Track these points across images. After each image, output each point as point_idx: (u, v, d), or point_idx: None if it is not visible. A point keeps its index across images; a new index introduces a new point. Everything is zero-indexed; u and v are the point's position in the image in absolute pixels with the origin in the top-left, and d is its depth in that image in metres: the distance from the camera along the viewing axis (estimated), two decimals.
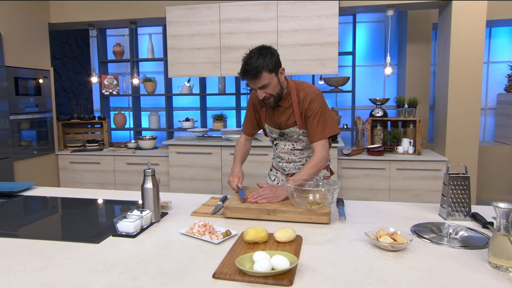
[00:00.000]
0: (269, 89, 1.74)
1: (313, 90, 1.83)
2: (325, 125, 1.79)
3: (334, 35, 3.54)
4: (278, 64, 1.74)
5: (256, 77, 1.68)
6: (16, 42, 3.69)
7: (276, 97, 1.78)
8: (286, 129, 1.90)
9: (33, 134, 3.96)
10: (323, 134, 1.79)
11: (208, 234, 1.36)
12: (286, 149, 1.99)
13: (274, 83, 1.74)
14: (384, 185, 3.68)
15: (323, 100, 1.84)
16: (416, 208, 1.71)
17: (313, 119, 1.79)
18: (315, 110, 1.78)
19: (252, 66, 1.66)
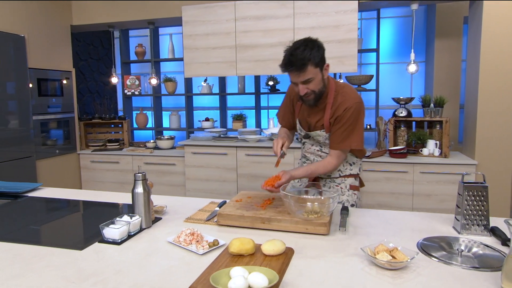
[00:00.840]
0: (312, 85, 1.61)
1: (354, 97, 1.69)
2: (348, 137, 1.69)
3: (353, 31, 3.38)
4: (323, 59, 1.61)
5: (301, 69, 1.54)
6: (39, 44, 3.80)
7: (318, 94, 1.66)
8: (312, 132, 1.81)
9: (56, 133, 4.07)
10: (342, 144, 1.70)
11: (195, 244, 1.29)
12: (312, 150, 1.90)
13: (318, 79, 1.61)
14: (407, 190, 3.47)
15: (360, 111, 1.69)
16: (428, 218, 1.56)
17: (339, 126, 1.68)
18: (347, 120, 1.67)
19: (298, 58, 1.52)
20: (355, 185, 1.90)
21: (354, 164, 1.89)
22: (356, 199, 1.89)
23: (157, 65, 4.99)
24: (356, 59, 3.43)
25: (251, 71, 3.68)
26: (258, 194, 1.75)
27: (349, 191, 1.87)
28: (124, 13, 4.11)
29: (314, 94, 1.64)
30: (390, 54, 4.69)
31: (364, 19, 4.71)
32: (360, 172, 1.92)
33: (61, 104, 4.11)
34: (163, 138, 4.43)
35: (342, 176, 1.88)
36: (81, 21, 4.24)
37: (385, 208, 3.51)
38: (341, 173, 1.88)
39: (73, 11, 4.25)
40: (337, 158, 1.72)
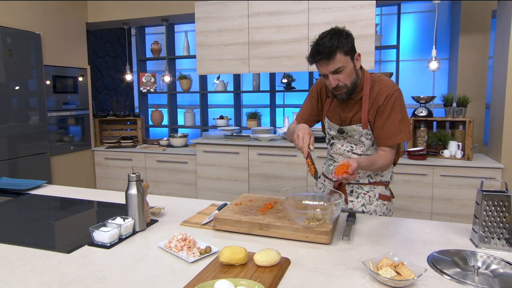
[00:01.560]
0: (343, 76, 1.48)
1: (392, 84, 1.56)
2: (399, 128, 1.52)
3: (370, 26, 3.23)
4: (354, 48, 1.50)
5: (330, 57, 1.43)
6: (54, 42, 3.83)
7: (350, 87, 1.52)
8: (348, 126, 1.63)
9: (70, 130, 4.10)
10: (397, 137, 1.53)
11: (186, 250, 1.22)
12: (342, 150, 1.69)
13: (349, 69, 1.48)
14: (426, 193, 3.30)
15: (402, 98, 1.56)
16: (443, 228, 1.43)
17: (387, 118, 1.52)
18: (391, 108, 1.51)
19: (325, 45, 1.42)
20: (386, 195, 1.70)
21: (386, 171, 1.69)
22: (386, 210, 1.69)
23: (172, 62, 4.97)
24: (373, 56, 3.28)
25: (263, 68, 3.59)
26: (260, 197, 1.67)
27: (378, 200, 1.68)
28: (138, 10, 4.09)
29: (346, 88, 1.51)
30: (412, 51, 4.49)
31: (384, 15, 4.53)
32: (392, 180, 1.73)
33: (76, 101, 4.14)
34: (176, 136, 4.41)
35: (372, 183, 1.68)
36: (96, 19, 4.25)
37: (403, 212, 3.35)
38: (371, 179, 1.67)
39: (88, 9, 4.27)
40: (392, 154, 1.57)
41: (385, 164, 1.56)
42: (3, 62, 3.27)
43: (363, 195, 1.69)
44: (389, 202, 1.72)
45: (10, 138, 3.36)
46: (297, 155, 3.51)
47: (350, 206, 1.69)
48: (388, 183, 1.73)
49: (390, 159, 1.57)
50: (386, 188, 1.72)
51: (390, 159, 1.57)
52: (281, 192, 1.38)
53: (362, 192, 1.69)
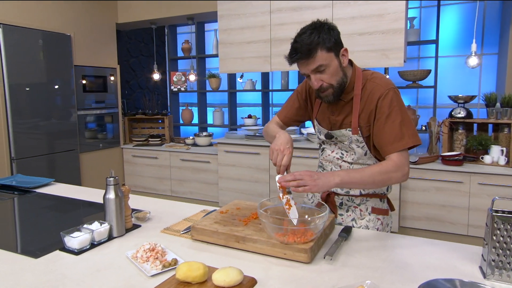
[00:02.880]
0: (327, 75, 1.30)
1: (386, 83, 1.36)
2: (403, 131, 1.31)
3: (399, 20, 2.97)
4: (339, 43, 1.31)
5: (309, 55, 1.26)
6: (85, 42, 3.97)
7: (337, 88, 1.34)
8: (336, 130, 1.45)
9: (100, 128, 4.24)
10: (402, 142, 1.30)
11: (152, 261, 1.14)
12: (331, 157, 1.52)
13: (334, 67, 1.30)
14: (462, 203, 2.99)
15: (400, 97, 1.35)
16: (452, 251, 1.23)
17: (385, 122, 1.32)
18: (388, 109, 1.32)
19: (303, 43, 1.26)
20: (381, 208, 1.50)
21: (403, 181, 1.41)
22: (380, 225, 1.50)
23: (202, 61, 4.98)
24: (403, 52, 3.02)
25: (285, 66, 3.46)
26: (250, 205, 1.56)
27: (370, 215, 1.49)
28: (164, 10, 4.12)
29: (332, 89, 1.34)
30: (455, 45, 4.11)
31: (424, 7, 4.18)
32: (388, 192, 1.52)
33: (106, 100, 4.27)
34: (201, 135, 4.40)
35: (363, 195, 1.49)
36: (125, 19, 4.35)
37: (434, 222, 3.07)
38: (362, 190, 1.48)
39: (118, 9, 4.38)
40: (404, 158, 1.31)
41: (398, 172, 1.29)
42: (35, 63, 3.43)
43: (354, 208, 1.51)
44: (385, 216, 1.52)
45: (44, 135, 3.52)
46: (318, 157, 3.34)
47: (339, 221, 1.53)
48: (384, 195, 1.52)
49: (397, 165, 1.29)
50: (382, 201, 1.52)
51: (397, 165, 1.29)
52: (260, 204, 1.26)
53: (353, 205, 1.51)
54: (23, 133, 3.37)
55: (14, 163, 3.32)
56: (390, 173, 1.28)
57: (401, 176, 1.31)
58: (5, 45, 3.21)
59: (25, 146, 3.40)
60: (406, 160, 1.32)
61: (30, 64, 3.40)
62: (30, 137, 3.44)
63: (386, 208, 1.53)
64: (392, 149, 1.32)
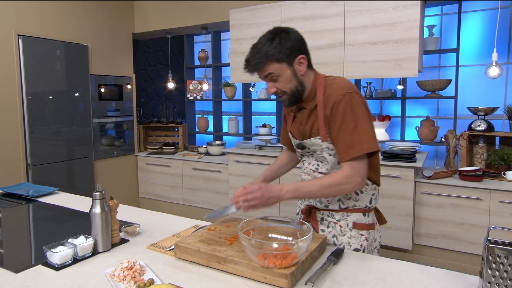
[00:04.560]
0: (280, 83, 1.33)
1: (342, 88, 1.31)
2: (355, 138, 1.27)
3: (414, 29, 2.86)
4: (293, 51, 1.31)
5: (258, 68, 1.32)
6: (101, 52, 4.07)
7: (291, 95, 1.35)
8: (307, 140, 1.42)
9: (114, 136, 4.31)
10: (353, 150, 1.27)
11: (129, 280, 1.11)
12: (308, 170, 1.49)
13: (286, 76, 1.32)
14: (481, 221, 2.82)
15: (356, 101, 1.30)
16: (448, 281, 1.14)
17: (339, 129, 1.30)
18: (342, 116, 1.29)
19: (254, 56, 1.31)
20: (363, 223, 1.42)
21: (362, 193, 1.41)
22: (364, 241, 1.42)
23: (218, 70, 4.99)
24: (417, 61, 2.90)
25: None
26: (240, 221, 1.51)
27: (352, 230, 1.42)
28: (179, 19, 4.17)
29: (286, 95, 1.37)
30: (478, 54, 3.93)
31: (445, 15, 4.03)
32: (372, 205, 1.44)
33: (121, 108, 4.35)
34: (214, 144, 4.40)
35: (343, 210, 1.43)
36: (142, 29, 4.43)
37: (450, 241, 2.91)
38: (342, 204, 1.42)
39: (135, 19, 4.47)
40: (354, 169, 1.28)
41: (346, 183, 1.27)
42: (52, 73, 3.53)
43: (334, 224, 1.44)
44: (370, 231, 1.44)
45: (59, 141, 3.62)
46: None
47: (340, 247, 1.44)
48: (368, 209, 1.44)
49: (346, 177, 1.27)
50: (366, 215, 1.43)
51: (346, 177, 1.27)
52: (241, 225, 1.21)
53: (333, 221, 1.44)
54: (39, 140, 3.47)
55: (30, 169, 3.42)
56: (339, 186, 1.28)
57: (352, 187, 1.29)
58: (25, 55, 3.33)
59: (41, 153, 3.49)
60: (358, 170, 1.28)
61: (47, 74, 3.51)
62: (46, 144, 3.54)
63: (371, 222, 1.45)
64: (346, 156, 1.29)
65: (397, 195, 3.01)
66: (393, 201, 3.03)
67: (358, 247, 1.41)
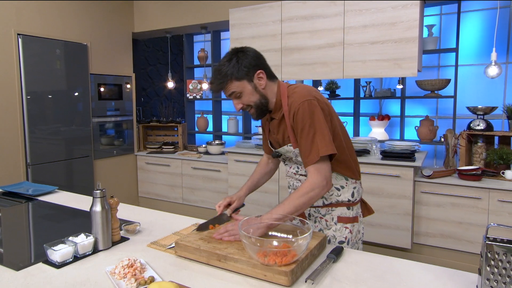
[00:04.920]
0: (244, 98, 1.43)
1: (300, 96, 1.40)
2: (312, 144, 1.36)
3: (413, 29, 2.87)
4: (252, 68, 1.40)
5: (220, 88, 1.42)
6: (101, 51, 4.07)
7: (257, 108, 1.45)
8: (281, 148, 1.53)
9: (114, 135, 4.31)
10: (309, 158, 1.37)
11: (129, 278, 1.12)
12: (290, 173, 1.61)
13: (248, 91, 1.41)
14: (480, 220, 2.83)
15: (313, 108, 1.38)
16: (448, 278, 1.14)
17: (300, 136, 1.40)
18: (301, 124, 1.38)
19: (216, 77, 1.42)
20: (347, 217, 1.52)
21: (343, 189, 1.52)
22: (349, 233, 1.52)
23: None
24: (416, 61, 2.90)
25: (296, 75, 3.40)
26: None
27: (336, 224, 1.52)
28: (179, 19, 4.17)
29: (252, 108, 1.46)
30: (477, 54, 3.93)
31: (444, 15, 4.04)
32: (354, 198, 1.52)
33: (121, 108, 4.35)
34: (213, 143, 4.40)
35: (327, 205, 1.53)
36: (141, 28, 4.43)
37: (450, 240, 2.92)
38: (325, 201, 1.53)
39: (135, 19, 4.47)
40: (317, 172, 1.35)
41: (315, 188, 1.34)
42: (52, 72, 3.53)
43: (320, 219, 1.55)
44: (354, 223, 1.53)
45: (57, 141, 3.62)
46: None
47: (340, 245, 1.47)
48: (351, 203, 1.53)
49: (312, 184, 1.35)
50: (350, 209, 1.53)
51: (312, 184, 1.35)
52: (241, 223, 1.22)
53: (319, 216, 1.55)
54: (39, 139, 3.47)
55: (30, 168, 3.42)
56: (308, 194, 1.34)
57: (320, 191, 1.36)
58: (24, 54, 3.33)
59: (40, 152, 3.49)
60: (323, 174, 1.36)
61: (47, 73, 3.51)
62: (46, 144, 3.54)
63: (354, 215, 1.54)
64: (308, 162, 1.37)
65: (396, 194, 3.02)
66: (393, 200, 3.03)
67: (343, 239, 1.51)
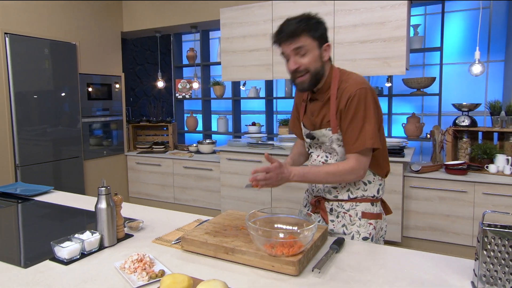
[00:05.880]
0: (306, 59, 1.35)
1: (358, 83, 1.38)
2: (360, 132, 1.35)
3: (401, 28, 2.96)
4: (324, 37, 1.39)
5: (293, 37, 1.33)
6: (90, 51, 4.03)
7: (313, 74, 1.37)
8: (317, 131, 1.48)
9: (103, 135, 4.28)
10: (355, 145, 1.36)
11: (140, 272, 1.14)
12: (317, 162, 1.54)
13: (314, 54, 1.36)
14: (466, 213, 2.94)
15: (369, 97, 1.36)
16: (443, 265, 1.20)
17: (349, 122, 1.37)
18: (354, 110, 1.36)
19: (290, 25, 1.33)
20: (372, 213, 1.49)
21: (370, 184, 1.49)
22: (373, 230, 1.48)
23: (206, 68, 5.01)
24: (405, 60, 2.99)
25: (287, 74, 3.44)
26: (243, 215, 1.55)
27: (361, 220, 1.48)
28: (168, 18, 4.17)
29: (309, 74, 1.36)
30: (460, 53, 4.07)
31: (429, 14, 4.16)
32: (379, 195, 1.53)
33: (111, 107, 4.32)
34: (204, 142, 4.41)
35: (352, 200, 1.49)
36: (130, 28, 4.41)
37: (438, 232, 3.02)
38: (351, 194, 1.49)
39: (124, 18, 4.44)
40: (358, 161, 1.37)
41: (350, 173, 1.37)
42: (40, 72, 3.48)
43: (343, 214, 1.50)
44: (378, 220, 1.51)
45: (48, 142, 3.57)
46: None
47: (331, 227, 1.52)
48: (376, 199, 1.51)
49: (351, 169, 1.37)
50: (374, 205, 1.51)
51: (351, 169, 1.37)
52: (248, 215, 1.25)
53: (342, 211, 1.51)
54: (27, 140, 3.42)
55: (19, 170, 3.36)
56: (343, 176, 1.39)
57: (354, 178, 1.41)
58: (12, 54, 3.27)
59: (29, 153, 3.44)
60: (363, 163, 1.38)
61: (35, 73, 3.46)
62: (35, 144, 3.49)
63: (378, 212, 1.51)
64: (352, 149, 1.38)
65: (386, 189, 3.10)
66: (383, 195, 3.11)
67: (367, 236, 1.48)
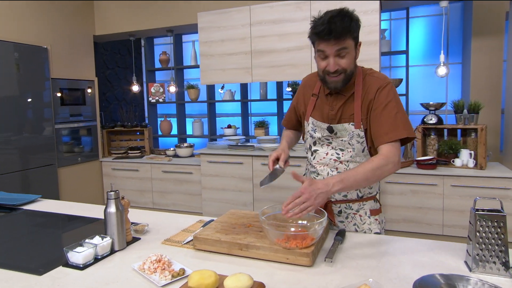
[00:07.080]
0: (346, 60, 1.35)
1: (385, 77, 1.44)
2: (398, 122, 1.35)
3: (374, 33, 3.14)
4: (358, 36, 1.40)
5: (340, 38, 1.30)
6: (62, 55, 3.91)
7: (348, 75, 1.38)
8: (338, 125, 1.46)
9: (78, 141, 4.16)
10: (396, 133, 1.34)
11: (160, 272, 1.17)
12: (327, 160, 1.50)
13: (352, 55, 1.37)
14: (437, 204, 3.16)
15: (395, 91, 1.41)
16: (437, 249, 1.34)
17: (381, 112, 1.37)
18: (385, 101, 1.37)
19: (337, 25, 1.28)
20: (376, 209, 1.56)
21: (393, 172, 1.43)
22: (378, 224, 1.56)
23: (180, 72, 5.00)
24: (378, 63, 3.19)
25: (267, 77, 3.55)
26: (246, 213, 1.61)
27: (370, 218, 1.54)
28: (143, 22, 4.13)
29: (344, 74, 1.37)
30: (423, 56, 4.36)
31: (394, 19, 4.42)
32: (380, 191, 1.66)
33: (84, 113, 4.20)
34: (182, 146, 4.40)
35: (360, 200, 1.53)
36: (103, 31, 4.32)
37: (412, 224, 3.22)
38: (359, 193, 1.52)
39: (96, 22, 4.35)
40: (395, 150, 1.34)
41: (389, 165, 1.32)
42: (10, 76, 3.34)
43: (353, 215, 1.56)
44: (379, 214, 1.60)
45: (19, 150, 3.42)
46: (301, 165, 3.43)
47: (342, 227, 1.60)
48: (376, 195, 1.61)
49: (390, 156, 1.33)
50: (375, 201, 1.60)
51: (390, 156, 1.33)
52: (261, 211, 1.32)
53: (352, 212, 1.56)
54: None
55: None
56: (381, 168, 1.31)
57: (392, 168, 1.33)
58: None
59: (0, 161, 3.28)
60: (396, 151, 1.35)
61: (4, 78, 3.31)
62: (3, 153, 3.33)
63: (378, 207, 1.61)
64: (386, 138, 1.36)
65: None
66: None
67: (378, 231, 1.56)
